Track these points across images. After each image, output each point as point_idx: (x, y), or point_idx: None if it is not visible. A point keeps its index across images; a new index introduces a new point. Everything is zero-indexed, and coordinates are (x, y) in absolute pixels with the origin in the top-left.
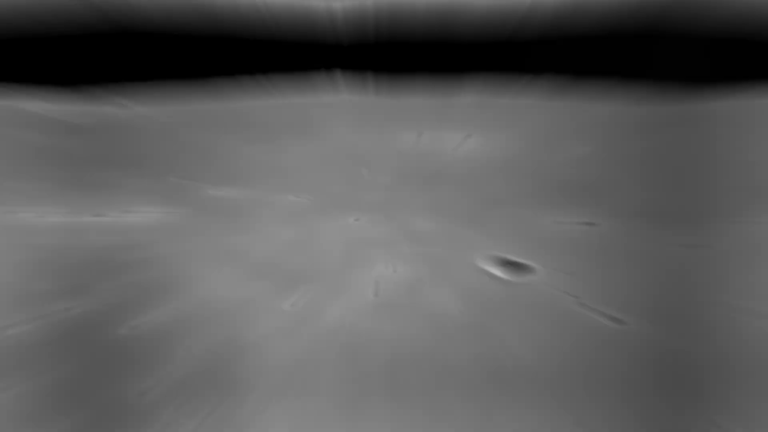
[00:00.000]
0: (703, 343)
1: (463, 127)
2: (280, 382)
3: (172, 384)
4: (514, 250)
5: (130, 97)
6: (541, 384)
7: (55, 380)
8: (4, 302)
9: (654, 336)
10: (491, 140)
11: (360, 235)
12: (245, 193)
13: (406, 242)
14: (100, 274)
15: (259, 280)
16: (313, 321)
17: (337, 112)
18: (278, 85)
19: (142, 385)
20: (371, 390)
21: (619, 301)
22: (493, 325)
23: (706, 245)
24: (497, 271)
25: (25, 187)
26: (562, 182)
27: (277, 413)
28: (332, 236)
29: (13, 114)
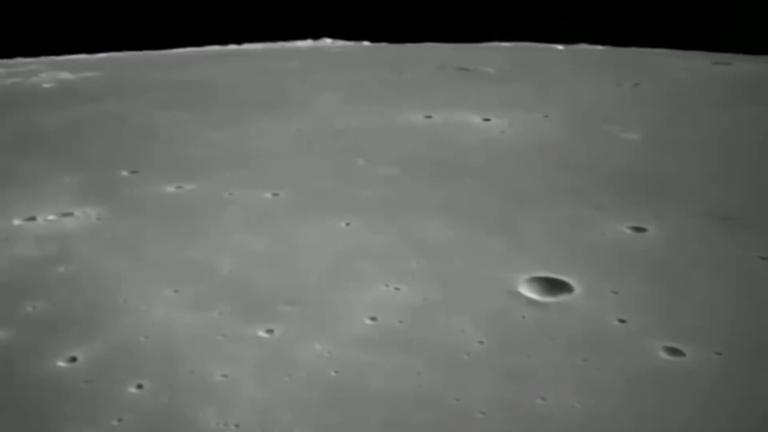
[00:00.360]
0: None
1: (484, 104)
2: None
3: None
4: (548, 264)
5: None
6: None
7: None
8: None
9: (728, 374)
10: (520, 121)
11: (352, 245)
12: (206, 189)
13: (413, 254)
14: (23, 298)
15: (222, 302)
16: (290, 355)
17: (323, 78)
18: (247, 46)
19: None
20: None
21: (680, 330)
22: (522, 362)
23: None
24: (528, 292)
25: None
26: (607, 175)
27: None
28: (317, 246)
29: None
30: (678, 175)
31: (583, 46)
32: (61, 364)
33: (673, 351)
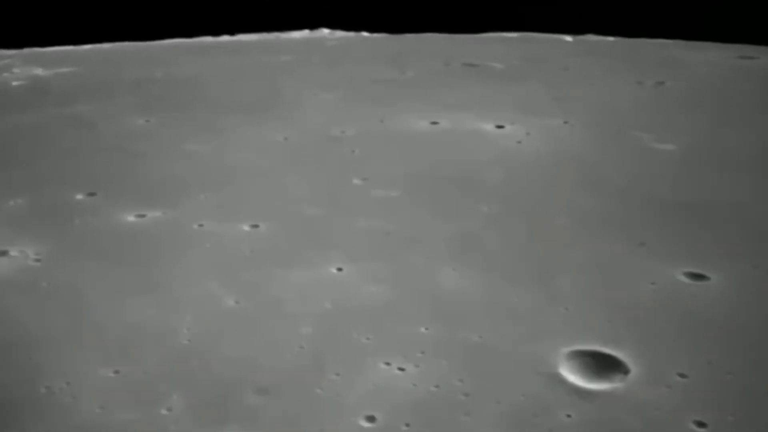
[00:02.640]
0: None
1: (496, 107)
2: None
3: None
4: (591, 330)
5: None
6: None
7: None
8: None
9: None
10: (537, 128)
11: (344, 302)
12: (172, 218)
13: (420, 315)
14: None
15: (175, 390)
16: None
17: (317, 76)
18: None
19: None
20: None
21: None
22: None
23: None
24: (570, 374)
25: None
26: (646, 199)
27: None
28: (299, 302)
29: None
30: (730, 198)
31: (592, 37)
32: None
33: None
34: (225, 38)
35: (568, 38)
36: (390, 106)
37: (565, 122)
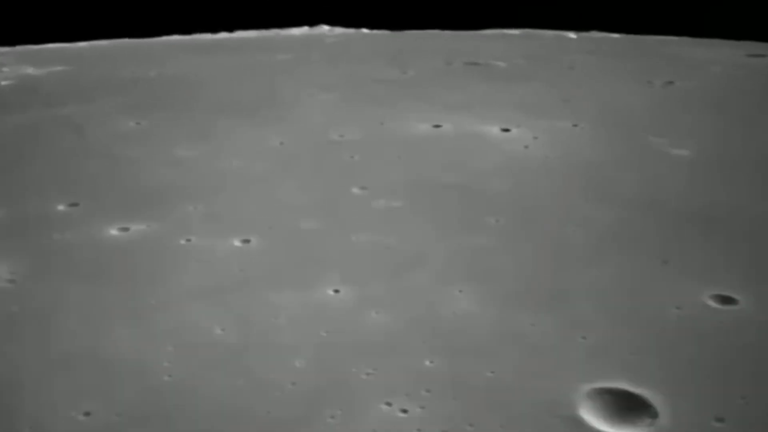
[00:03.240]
0: None
1: (501, 109)
2: None
3: None
4: (613, 363)
5: None
6: None
7: None
8: None
9: None
10: (545, 131)
11: (341, 332)
12: (158, 232)
13: (425, 347)
14: None
15: None
16: None
17: (316, 75)
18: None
19: None
20: None
21: None
22: None
23: None
24: (594, 419)
25: None
26: (664, 209)
27: None
28: (291, 331)
29: None
30: (752, 209)
31: (596, 34)
32: None
33: None
34: (223, 35)
35: (572, 35)
36: (390, 107)
37: (574, 125)
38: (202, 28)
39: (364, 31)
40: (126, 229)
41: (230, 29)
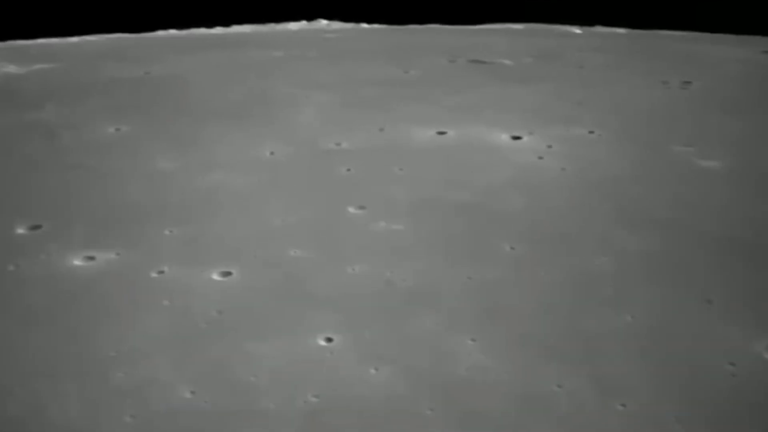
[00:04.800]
0: None
1: (510, 114)
2: None
3: None
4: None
5: None
6: None
7: None
8: None
9: None
10: (559, 139)
11: (333, 392)
12: (127, 262)
13: (437, 416)
14: None
15: None
16: None
17: (311, 75)
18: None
19: None
20: None
21: None
22: None
23: None
24: None
25: None
26: (702, 235)
27: None
28: (274, 391)
29: None
30: None
31: (601, 29)
32: None
33: None
34: (219, 30)
35: (577, 30)
36: (391, 111)
37: (590, 132)
38: (199, 23)
39: (364, 25)
40: (92, 258)
41: (227, 23)
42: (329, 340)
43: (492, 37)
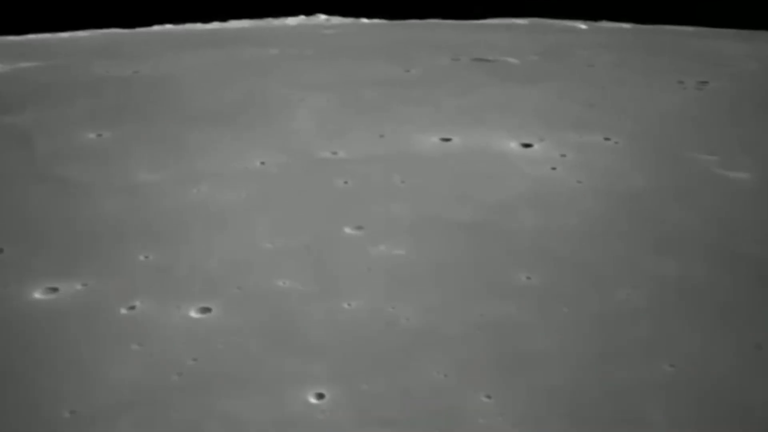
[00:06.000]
0: None
1: (519, 118)
2: None
3: None
4: None
5: None
6: None
7: None
8: None
9: None
10: (574, 147)
11: None
12: (91, 297)
13: None
14: None
15: None
16: None
17: (307, 75)
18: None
19: None
20: None
21: None
22: None
23: None
24: None
25: None
26: (739, 261)
27: None
28: None
29: None
30: None
31: (606, 24)
32: None
33: None
34: (215, 25)
35: (582, 25)
36: (392, 115)
37: (606, 138)
38: (194, 18)
39: (363, 20)
40: (54, 290)
41: (224, 18)
42: (320, 396)
43: (495, 33)
